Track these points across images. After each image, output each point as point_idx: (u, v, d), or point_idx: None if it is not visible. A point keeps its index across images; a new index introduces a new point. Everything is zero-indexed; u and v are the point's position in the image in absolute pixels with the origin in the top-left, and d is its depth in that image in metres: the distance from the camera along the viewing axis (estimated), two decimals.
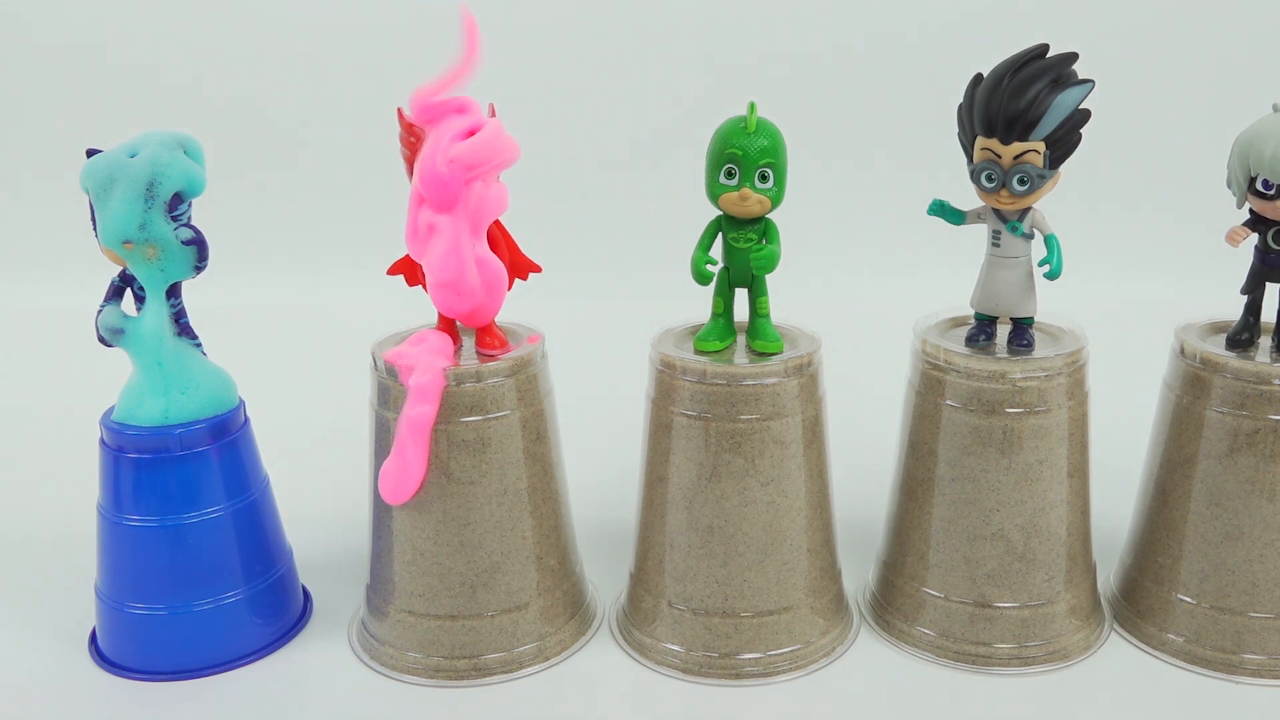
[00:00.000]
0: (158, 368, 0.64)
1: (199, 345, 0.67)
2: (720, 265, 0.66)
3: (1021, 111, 0.60)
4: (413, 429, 0.63)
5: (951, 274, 1.00)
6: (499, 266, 0.65)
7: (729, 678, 0.65)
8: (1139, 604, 0.70)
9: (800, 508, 0.65)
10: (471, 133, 0.61)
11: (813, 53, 1.47)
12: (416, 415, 0.62)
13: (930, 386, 0.67)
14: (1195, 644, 0.66)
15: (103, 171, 0.61)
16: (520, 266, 0.69)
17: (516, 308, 0.68)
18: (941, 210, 0.67)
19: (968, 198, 0.66)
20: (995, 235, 0.65)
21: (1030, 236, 0.65)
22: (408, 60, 1.46)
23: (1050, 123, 0.60)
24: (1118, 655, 0.68)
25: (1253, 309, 0.67)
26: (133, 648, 0.67)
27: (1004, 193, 0.62)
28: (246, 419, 0.69)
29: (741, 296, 0.67)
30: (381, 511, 0.67)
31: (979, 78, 0.62)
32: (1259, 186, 0.62)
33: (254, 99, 1.48)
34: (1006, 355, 0.65)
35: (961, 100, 0.64)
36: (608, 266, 1.45)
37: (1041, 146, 0.61)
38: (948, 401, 0.66)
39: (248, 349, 0.91)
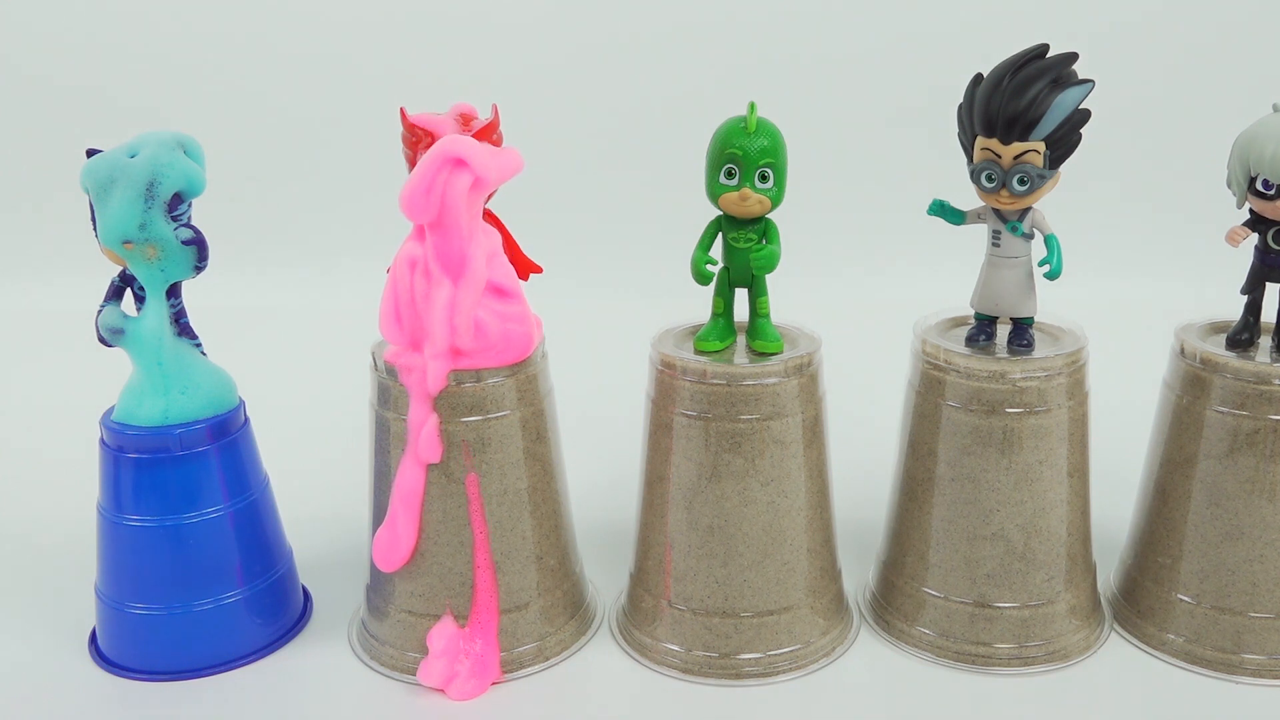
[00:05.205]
0: (158, 368, 0.64)
1: (199, 345, 0.67)
2: (720, 265, 0.66)
3: (1021, 111, 0.60)
4: (405, 500, 0.63)
5: (951, 274, 1.00)
6: (521, 333, 0.64)
7: (729, 678, 0.65)
8: (1139, 604, 0.70)
9: (800, 508, 0.65)
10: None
11: (813, 52, 1.47)
12: (408, 484, 0.63)
13: (930, 386, 0.67)
14: (1195, 644, 0.66)
15: (103, 171, 0.61)
16: (521, 267, 0.69)
17: None
18: (941, 210, 0.67)
19: (968, 198, 0.66)
20: (995, 235, 0.65)
21: (1030, 236, 0.65)
22: (409, 59, 1.46)
23: (1050, 123, 0.60)
24: (1118, 655, 0.68)
25: (1253, 309, 0.67)
26: (133, 648, 0.67)
27: (1004, 193, 0.62)
28: (246, 419, 0.69)
29: (741, 296, 0.67)
30: (381, 512, 0.66)
31: (979, 78, 0.62)
32: (1259, 186, 0.62)
33: (254, 98, 1.48)
34: (1006, 355, 0.65)
35: (961, 100, 0.64)
36: (608, 266, 1.45)
37: (1041, 146, 0.61)
38: (948, 401, 0.66)
39: (248, 349, 0.91)
